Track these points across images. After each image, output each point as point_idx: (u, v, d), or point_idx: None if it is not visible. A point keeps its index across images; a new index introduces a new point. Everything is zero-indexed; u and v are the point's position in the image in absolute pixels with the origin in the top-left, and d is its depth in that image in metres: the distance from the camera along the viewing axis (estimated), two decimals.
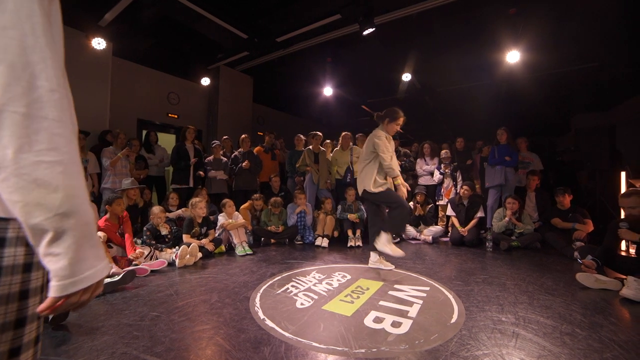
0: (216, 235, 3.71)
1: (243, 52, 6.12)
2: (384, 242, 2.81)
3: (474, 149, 5.75)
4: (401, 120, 2.96)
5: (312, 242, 4.20)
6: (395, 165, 2.88)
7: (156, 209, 3.39)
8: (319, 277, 2.70)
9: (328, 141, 5.29)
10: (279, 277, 2.69)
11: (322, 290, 2.37)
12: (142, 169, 4.56)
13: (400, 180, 2.85)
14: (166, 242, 3.38)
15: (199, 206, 3.47)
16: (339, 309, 2.02)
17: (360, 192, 3.03)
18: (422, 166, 5.08)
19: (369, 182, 2.87)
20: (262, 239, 4.14)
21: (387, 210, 3.08)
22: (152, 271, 2.77)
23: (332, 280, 2.61)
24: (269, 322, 1.81)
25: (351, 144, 4.82)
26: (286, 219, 4.34)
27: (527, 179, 4.54)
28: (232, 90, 7.08)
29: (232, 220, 3.81)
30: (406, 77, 6.36)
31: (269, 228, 4.21)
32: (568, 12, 4.37)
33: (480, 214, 4.25)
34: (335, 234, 4.32)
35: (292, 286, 2.45)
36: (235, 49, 6.00)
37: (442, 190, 4.90)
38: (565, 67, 6.02)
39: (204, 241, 3.43)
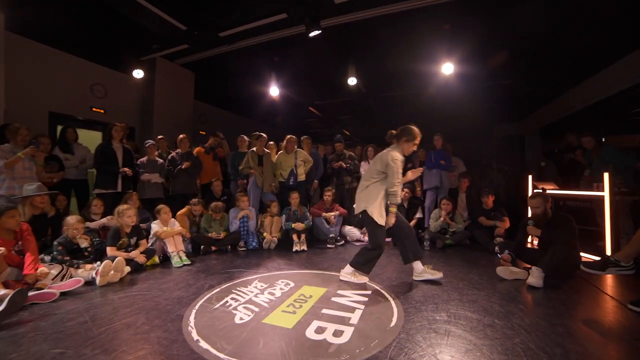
0: (149, 245, 3.35)
1: (182, 45, 5.68)
2: (348, 272, 2.72)
3: (414, 153, 6.13)
4: (418, 140, 2.71)
5: (256, 248, 4.05)
6: (400, 191, 2.66)
7: (71, 219, 2.93)
8: (261, 286, 2.59)
9: (272, 143, 5.17)
10: (218, 289, 2.51)
11: (263, 301, 2.27)
12: (55, 171, 3.91)
13: (394, 209, 2.66)
14: (85, 256, 2.94)
15: (127, 214, 3.09)
16: (280, 321, 1.94)
17: (357, 210, 2.76)
18: (365, 169, 5.23)
19: (372, 204, 2.61)
20: (202, 247, 3.86)
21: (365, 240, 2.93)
22: (62, 294, 2.34)
23: (274, 289, 2.52)
24: (203, 344, 1.65)
25: (296, 147, 4.77)
26: (228, 224, 4.12)
27: (458, 181, 4.99)
28: (171, 85, 6.53)
29: (168, 227, 3.49)
30: (352, 80, 6.53)
31: (209, 235, 3.95)
32: (490, 33, 4.90)
33: (419, 214, 4.53)
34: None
35: (232, 299, 2.31)
36: (173, 40, 5.54)
37: None
38: (489, 81, 6.75)
39: (133, 253, 3.07)
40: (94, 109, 5.59)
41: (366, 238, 4.42)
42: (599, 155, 4.16)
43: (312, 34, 4.52)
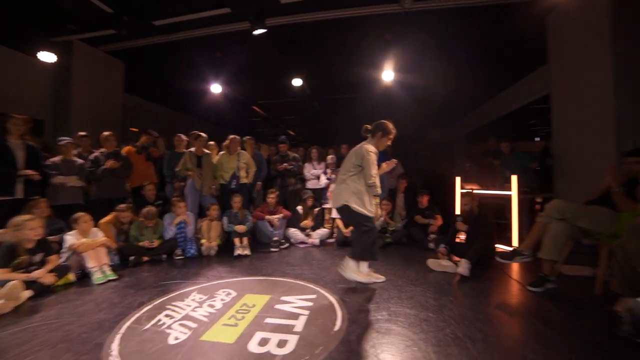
0: (61, 261, 2.88)
1: (108, 30, 5.02)
2: (353, 269, 2.59)
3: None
4: (393, 135, 2.74)
5: (195, 256, 3.78)
6: (378, 183, 2.61)
7: None
8: (200, 298, 2.42)
9: (213, 143, 4.89)
10: (150, 306, 2.26)
11: (202, 315, 2.11)
12: None
13: (377, 201, 2.64)
14: None
15: (27, 226, 2.57)
16: (221, 336, 1.82)
17: (336, 205, 2.69)
18: (309, 170, 5.26)
19: (352, 197, 2.56)
20: (132, 258, 3.46)
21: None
22: None
23: (214, 300, 2.37)
24: None
25: (239, 148, 4.59)
26: (162, 231, 3.77)
27: (397, 182, 5.30)
28: (93, 74, 5.74)
29: (88, 239, 3.04)
30: (297, 82, 6.52)
31: (140, 244, 3.57)
32: (423, 47, 5.34)
33: None
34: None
35: (166, 316, 2.10)
36: (96, 23, 4.87)
37: (328, 193, 5.19)
38: (424, 89, 7.34)
39: (36, 273, 2.56)
40: None
41: (310, 240, 4.47)
42: (511, 159, 4.84)
43: (256, 32, 4.38)
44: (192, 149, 4.37)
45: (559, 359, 1.58)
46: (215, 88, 6.68)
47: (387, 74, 6.08)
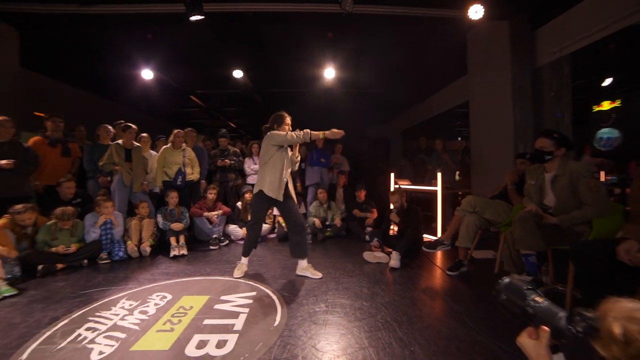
0: None
1: None
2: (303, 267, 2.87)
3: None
4: (288, 119, 2.88)
5: (124, 258, 3.47)
6: (294, 134, 2.72)
7: None
8: (130, 305, 2.25)
9: (146, 135, 4.49)
10: (66, 321, 2.02)
11: (132, 323, 1.97)
12: None
13: (320, 133, 2.75)
14: None
15: None
16: (155, 344, 1.74)
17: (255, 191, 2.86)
18: (250, 165, 5.18)
19: (265, 181, 2.75)
20: (40, 267, 3.00)
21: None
22: None
23: (147, 306, 2.23)
24: None
25: (184, 144, 4.33)
26: (82, 234, 3.36)
27: (337, 178, 5.53)
28: None
29: None
30: (237, 73, 6.29)
31: (53, 249, 3.13)
32: (361, 47, 5.61)
33: (302, 210, 4.79)
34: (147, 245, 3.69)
35: (88, 329, 1.91)
36: None
37: None
38: (362, 88, 7.70)
39: None
40: None
41: None
42: (442, 155, 5.51)
43: (193, 18, 4.09)
44: (120, 141, 3.94)
45: (462, 328, 1.88)
46: (146, 74, 6.08)
47: (329, 72, 6.25)
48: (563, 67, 4.13)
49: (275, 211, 4.61)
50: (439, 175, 4.41)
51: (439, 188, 4.37)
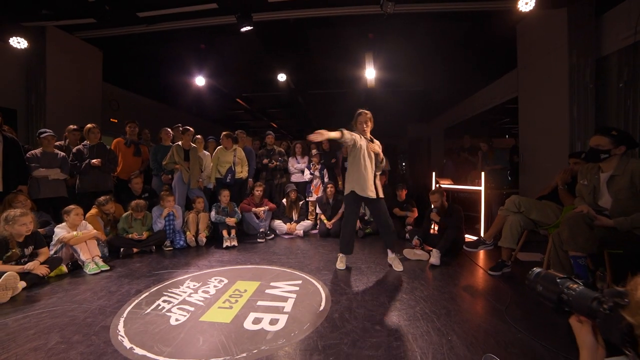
0: (52, 253, 2.95)
1: (88, 19, 4.91)
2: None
3: (338, 150, 6.60)
4: (363, 117, 3.15)
5: (184, 247, 3.93)
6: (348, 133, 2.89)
7: None
8: (194, 285, 2.60)
9: (200, 137, 4.97)
10: (147, 294, 2.43)
11: (198, 300, 2.30)
12: None
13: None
14: None
15: (20, 221, 2.61)
16: (218, 317, 2.03)
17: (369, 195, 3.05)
18: (293, 164, 5.45)
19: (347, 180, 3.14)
20: (122, 249, 3.56)
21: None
22: None
23: (208, 287, 2.56)
24: (138, 350, 1.65)
25: (234, 145, 4.78)
26: (152, 224, 3.87)
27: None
28: (70, 62, 5.56)
29: (79, 232, 3.11)
30: (281, 77, 6.62)
31: (129, 236, 3.66)
32: (404, 46, 5.59)
33: (343, 208, 4.94)
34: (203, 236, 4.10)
35: (164, 301, 2.27)
36: (72, 9, 4.74)
37: (312, 187, 5.42)
38: (404, 87, 7.64)
39: (30, 265, 2.61)
40: None
41: (296, 232, 4.69)
42: (491, 156, 5.31)
43: (244, 29, 4.46)
44: (179, 143, 4.44)
45: (502, 325, 1.92)
46: (199, 80, 6.67)
47: (369, 72, 6.32)
48: (639, 53, 3.61)
49: (318, 208, 4.86)
50: (483, 174, 4.30)
51: (482, 188, 4.26)
